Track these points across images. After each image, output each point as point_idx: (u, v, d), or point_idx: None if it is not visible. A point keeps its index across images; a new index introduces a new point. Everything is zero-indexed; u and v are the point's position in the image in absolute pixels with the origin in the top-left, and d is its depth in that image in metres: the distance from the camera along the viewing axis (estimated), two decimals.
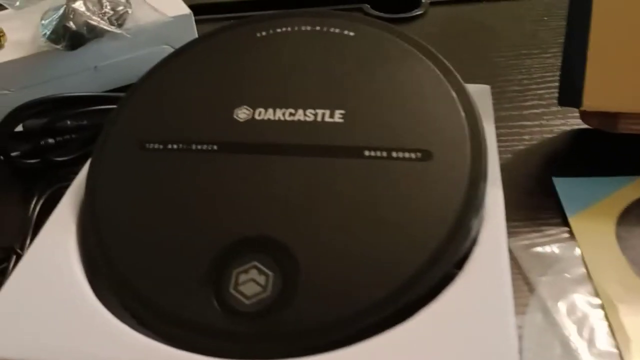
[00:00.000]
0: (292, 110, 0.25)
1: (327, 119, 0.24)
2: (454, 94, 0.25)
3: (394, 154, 0.23)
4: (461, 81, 0.25)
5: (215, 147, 0.24)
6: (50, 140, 0.36)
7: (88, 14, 0.39)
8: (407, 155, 0.23)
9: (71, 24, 0.38)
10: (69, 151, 0.37)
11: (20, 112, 0.36)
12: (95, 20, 0.39)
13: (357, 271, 0.21)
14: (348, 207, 0.22)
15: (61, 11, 0.39)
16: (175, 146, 0.24)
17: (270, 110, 0.25)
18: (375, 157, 0.23)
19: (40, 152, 0.36)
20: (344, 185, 0.22)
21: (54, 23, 0.38)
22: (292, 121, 0.24)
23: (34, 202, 0.33)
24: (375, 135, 0.24)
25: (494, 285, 0.21)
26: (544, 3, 0.50)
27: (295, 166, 0.23)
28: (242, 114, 0.24)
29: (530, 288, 0.27)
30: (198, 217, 0.23)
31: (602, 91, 0.30)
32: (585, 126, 0.36)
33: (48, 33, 0.39)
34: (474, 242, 0.22)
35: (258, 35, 0.27)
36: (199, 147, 0.24)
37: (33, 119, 0.36)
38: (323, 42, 0.26)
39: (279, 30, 0.27)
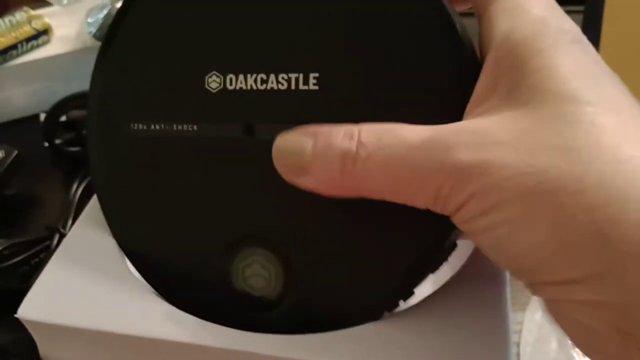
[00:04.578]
0: (264, 76, 0.22)
1: (301, 86, 0.21)
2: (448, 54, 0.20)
3: None
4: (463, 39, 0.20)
5: (195, 128, 0.23)
6: None
7: None
8: None
9: None
10: None
11: (65, 103, 0.39)
12: None
13: (354, 264, 0.21)
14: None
15: (106, 10, 0.42)
16: (158, 126, 0.24)
17: (242, 77, 0.22)
18: None
19: (82, 141, 0.39)
20: None
21: (100, 21, 0.41)
22: (265, 90, 0.22)
23: (75, 186, 0.36)
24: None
25: (492, 278, 0.22)
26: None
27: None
28: (214, 82, 0.22)
29: None
30: (200, 210, 0.23)
31: None
32: None
33: (94, 30, 0.41)
34: None
35: None
36: (180, 127, 0.23)
37: (76, 110, 0.39)
38: None
39: None
